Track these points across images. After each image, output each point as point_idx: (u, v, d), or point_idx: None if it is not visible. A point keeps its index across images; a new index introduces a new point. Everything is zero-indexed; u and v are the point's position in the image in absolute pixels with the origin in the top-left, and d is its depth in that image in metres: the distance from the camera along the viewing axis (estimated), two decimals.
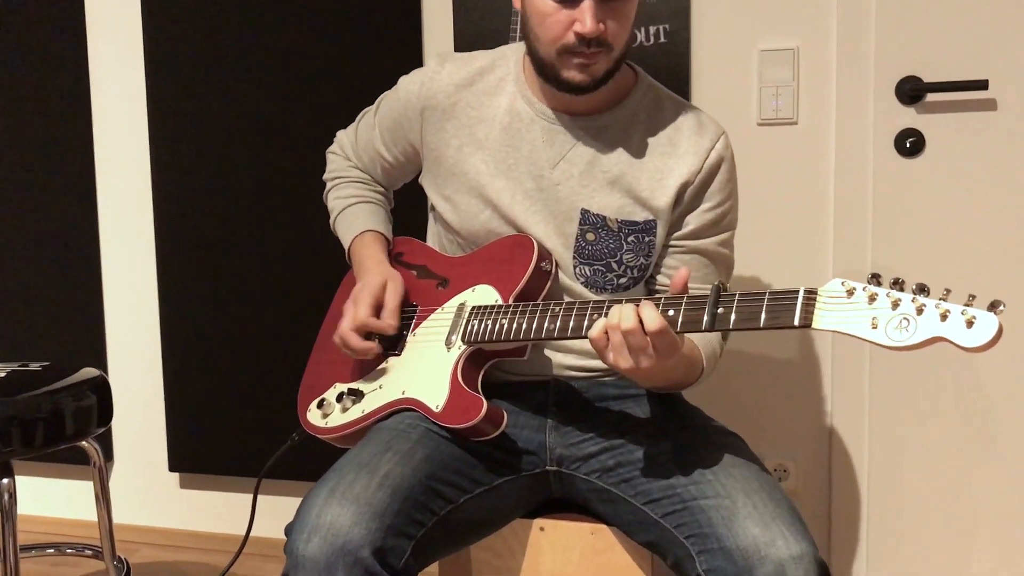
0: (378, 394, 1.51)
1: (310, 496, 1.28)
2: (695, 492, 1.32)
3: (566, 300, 1.38)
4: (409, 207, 1.80)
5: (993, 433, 2.03)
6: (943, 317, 1.05)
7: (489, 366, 1.47)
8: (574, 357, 1.53)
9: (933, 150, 1.99)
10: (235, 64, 2.39)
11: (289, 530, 1.28)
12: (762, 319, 1.16)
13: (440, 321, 1.50)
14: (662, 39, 2.08)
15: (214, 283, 2.47)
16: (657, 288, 1.54)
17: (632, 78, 1.53)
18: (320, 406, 1.56)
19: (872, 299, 1.09)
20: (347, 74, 2.30)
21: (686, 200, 1.49)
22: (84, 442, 1.93)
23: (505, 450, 1.47)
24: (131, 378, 2.61)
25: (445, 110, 1.54)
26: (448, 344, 1.46)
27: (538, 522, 1.52)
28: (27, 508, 2.73)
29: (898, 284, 1.09)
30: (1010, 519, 2.04)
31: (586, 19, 1.35)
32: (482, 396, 1.39)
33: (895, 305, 1.08)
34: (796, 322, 1.13)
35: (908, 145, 1.99)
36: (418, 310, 1.55)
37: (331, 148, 1.77)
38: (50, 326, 2.62)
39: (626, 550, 1.48)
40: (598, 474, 1.45)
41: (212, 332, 2.49)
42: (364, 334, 1.49)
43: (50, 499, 2.73)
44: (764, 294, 1.18)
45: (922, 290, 1.08)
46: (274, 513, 2.13)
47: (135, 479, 2.65)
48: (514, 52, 1.56)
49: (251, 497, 1.77)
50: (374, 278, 1.53)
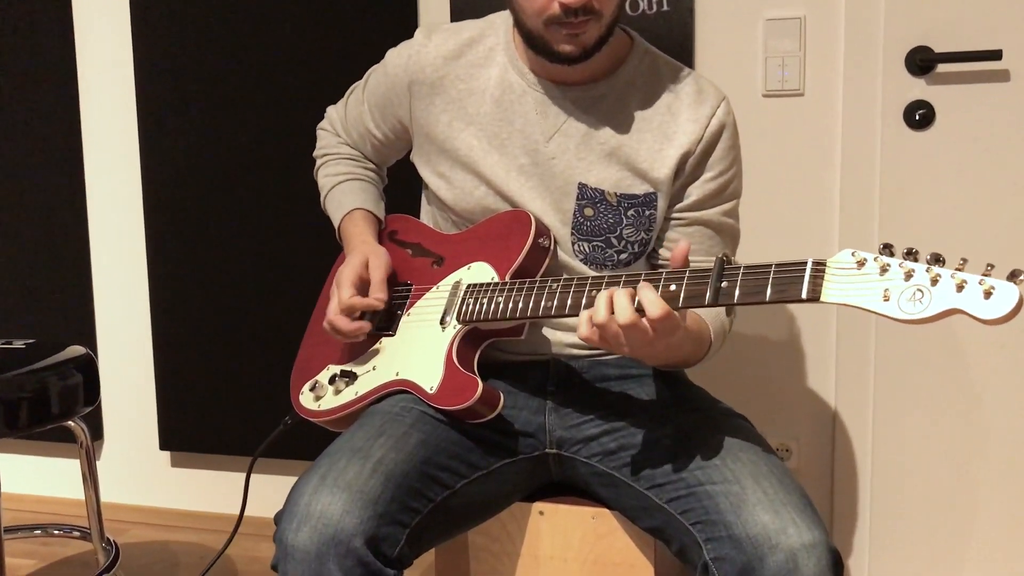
0: (371, 376, 1.47)
1: (300, 484, 1.25)
2: (701, 477, 1.28)
3: (564, 277, 1.34)
4: (403, 184, 1.75)
5: (999, 417, 2.00)
6: (959, 288, 0.99)
7: (485, 346, 1.43)
8: (574, 335, 1.46)
9: (944, 123, 1.95)
10: (225, 36, 2.34)
11: (278, 519, 1.24)
12: (768, 293, 1.11)
13: (435, 300, 1.46)
14: (664, 7, 2.03)
15: (205, 259, 2.44)
16: (660, 263, 1.50)
17: (627, 44, 1.48)
18: (312, 388, 1.53)
19: (884, 270, 1.04)
20: (340, 46, 2.25)
21: (687, 170, 1.44)
22: (71, 422, 1.90)
23: (503, 433, 1.43)
24: (121, 356, 2.58)
25: (433, 84, 1.49)
26: (443, 324, 1.42)
27: (537, 506, 1.49)
28: (16, 487, 2.71)
29: (911, 254, 1.03)
30: (1015, 504, 2.02)
31: None
32: (478, 377, 1.36)
33: (908, 276, 1.02)
34: (804, 295, 1.08)
35: (918, 117, 1.95)
36: (412, 289, 1.52)
37: (321, 124, 1.73)
38: (37, 303, 2.59)
39: (628, 535, 1.45)
40: (599, 457, 1.42)
41: (203, 308, 2.46)
42: (353, 315, 1.45)
43: (39, 478, 2.71)
44: (770, 266, 1.13)
45: (937, 260, 1.02)
46: (268, 493, 2.11)
47: (126, 458, 2.63)
48: (503, 20, 1.50)
49: (244, 476, 1.74)
50: (356, 256, 1.49)
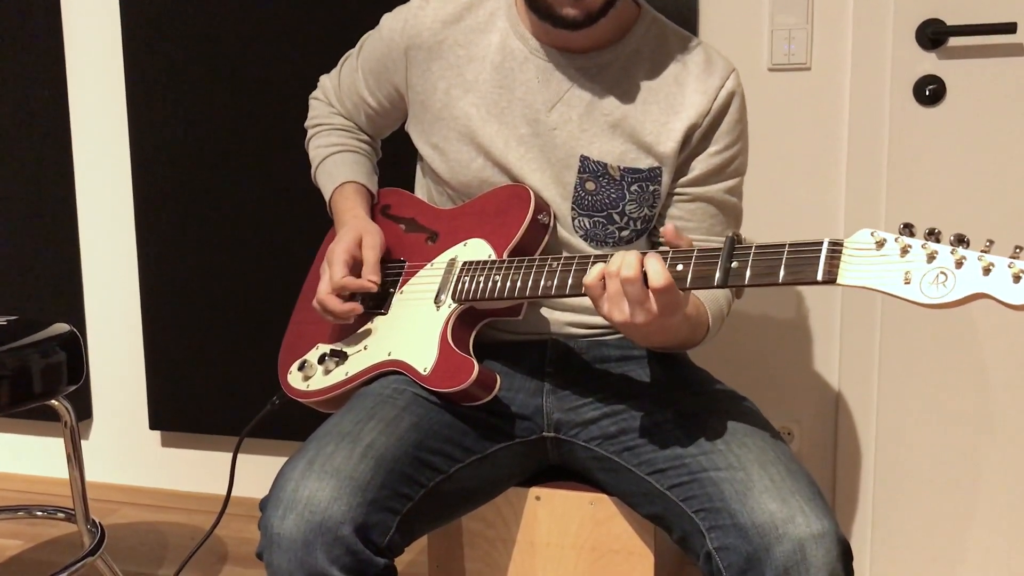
0: (362, 355, 1.43)
1: (286, 469, 1.20)
2: (705, 463, 1.24)
3: (564, 255, 1.29)
4: (396, 157, 1.70)
5: (1008, 401, 1.97)
6: (986, 271, 0.94)
7: (482, 326, 1.39)
8: (573, 315, 1.44)
9: (955, 98, 1.91)
10: (214, 6, 2.30)
11: (264, 505, 1.20)
12: (781, 274, 1.06)
13: (429, 278, 1.42)
14: None
15: (195, 236, 2.41)
16: (661, 241, 1.44)
17: (634, 11, 1.43)
18: (301, 368, 1.49)
19: (905, 251, 0.99)
20: (334, 12, 2.19)
21: (693, 143, 1.40)
22: (54, 401, 1.86)
23: (499, 415, 1.38)
24: (111, 333, 2.56)
25: (431, 49, 1.44)
26: (437, 303, 1.37)
27: (534, 491, 1.45)
28: (3, 466, 2.70)
29: (934, 235, 0.99)
30: (1021, 489, 1.98)
31: None
32: (473, 358, 1.31)
33: (931, 258, 0.97)
34: (819, 277, 1.03)
35: (928, 93, 1.91)
36: (406, 266, 1.47)
37: (314, 94, 1.68)
38: (25, 281, 2.56)
39: (628, 521, 1.41)
40: (599, 441, 1.37)
41: (194, 286, 2.43)
42: (345, 295, 1.40)
43: (27, 457, 2.69)
44: (783, 246, 1.08)
45: (960, 241, 0.97)
46: (261, 473, 2.07)
47: (115, 437, 2.61)
48: None
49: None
50: (348, 233, 1.44)
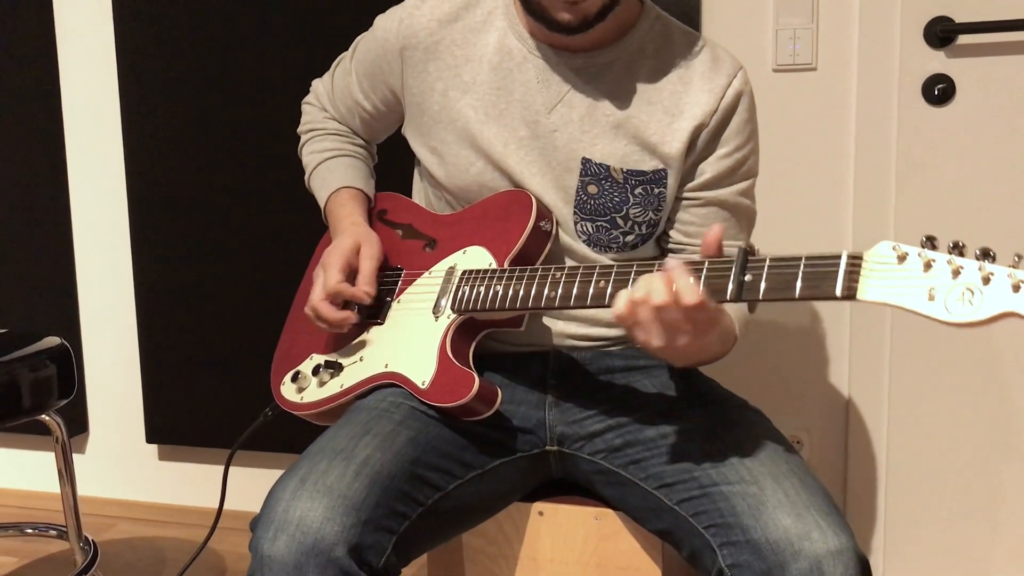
0: (358, 367, 1.39)
1: (277, 488, 1.17)
2: (716, 477, 1.20)
3: (568, 264, 1.25)
4: (393, 162, 1.66)
5: (1020, 408, 1.93)
6: (1016, 288, 0.90)
7: (482, 337, 1.35)
8: (576, 325, 1.40)
9: (964, 97, 1.88)
10: (208, 7, 2.28)
11: (254, 525, 1.16)
12: (797, 288, 1.02)
13: (427, 287, 1.38)
14: None
15: (191, 249, 2.40)
16: (670, 247, 1.42)
17: (637, 8, 1.39)
18: (295, 379, 1.45)
19: (928, 266, 0.95)
20: (329, 13, 2.17)
21: (700, 145, 1.36)
22: (45, 416, 1.84)
23: (500, 429, 1.35)
24: (106, 346, 2.54)
25: (427, 49, 1.40)
26: (436, 313, 1.34)
27: (537, 506, 1.41)
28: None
29: (958, 248, 0.95)
30: None
31: None
32: (474, 371, 1.28)
33: (956, 273, 0.93)
34: (838, 292, 0.99)
35: (937, 92, 1.89)
36: (403, 274, 1.43)
37: (306, 99, 1.64)
38: (19, 292, 2.55)
39: (634, 537, 1.38)
40: (604, 454, 1.34)
41: (190, 299, 2.42)
42: (339, 303, 1.37)
43: (22, 471, 2.67)
44: (800, 259, 1.04)
45: (986, 255, 0.93)
46: (257, 485, 2.04)
47: (112, 451, 2.60)
48: None
49: (233, 469, 1.69)
50: (345, 240, 1.40)
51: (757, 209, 1.44)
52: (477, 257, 1.36)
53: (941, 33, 1.86)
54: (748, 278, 1.06)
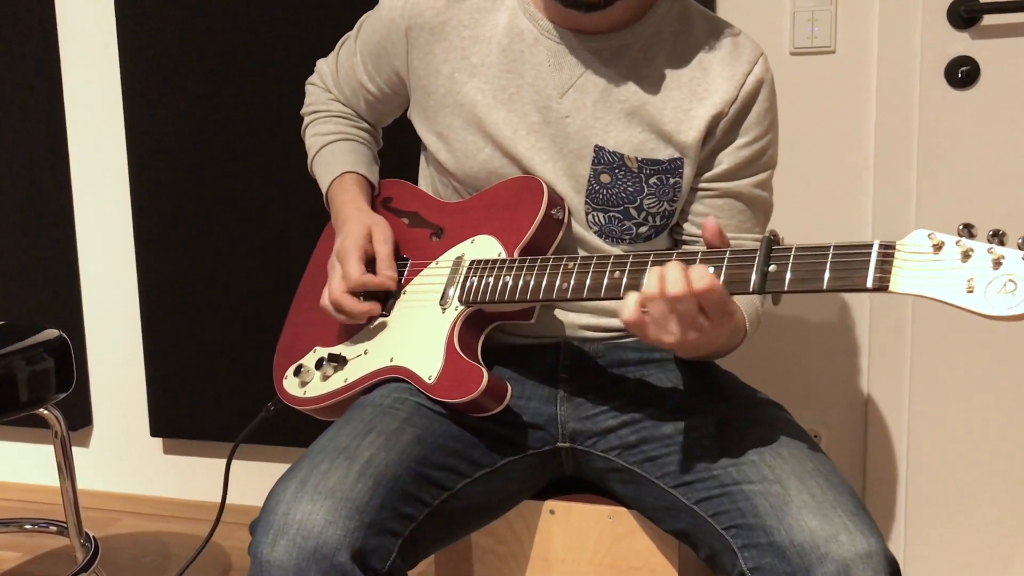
0: (363, 361, 1.35)
1: (277, 490, 1.13)
2: (736, 475, 1.16)
3: (581, 254, 1.21)
4: (398, 147, 1.63)
5: None
6: None
7: (490, 329, 1.31)
8: (588, 316, 1.37)
9: (989, 80, 1.85)
10: (210, 0, 2.27)
11: (253, 529, 1.12)
12: (825, 279, 0.98)
13: (434, 277, 1.34)
14: None
15: (195, 241, 2.39)
16: (684, 238, 1.38)
17: None
18: (297, 373, 1.42)
19: (966, 256, 0.90)
20: (333, 9, 2.13)
21: (718, 134, 1.32)
22: (43, 409, 1.81)
23: (510, 426, 1.31)
24: (110, 339, 2.54)
25: (434, 30, 1.36)
26: (443, 304, 1.30)
27: (548, 504, 1.38)
28: (1, 475, 2.67)
29: (998, 237, 0.90)
30: None
31: None
32: (482, 365, 1.24)
33: (997, 263, 0.89)
34: (869, 283, 0.95)
35: (960, 75, 1.85)
36: (409, 264, 1.40)
37: (310, 79, 1.61)
38: (22, 286, 2.54)
39: (649, 537, 1.35)
40: (618, 451, 1.30)
41: (193, 290, 2.41)
42: (359, 295, 1.33)
43: (25, 465, 2.66)
44: (828, 248, 0.99)
45: None
46: (262, 480, 2.04)
47: (116, 445, 2.59)
48: None
49: (238, 463, 1.64)
50: (355, 227, 1.37)
51: (774, 196, 1.40)
52: (486, 246, 1.32)
53: (965, 13, 1.82)
54: (773, 268, 1.01)
